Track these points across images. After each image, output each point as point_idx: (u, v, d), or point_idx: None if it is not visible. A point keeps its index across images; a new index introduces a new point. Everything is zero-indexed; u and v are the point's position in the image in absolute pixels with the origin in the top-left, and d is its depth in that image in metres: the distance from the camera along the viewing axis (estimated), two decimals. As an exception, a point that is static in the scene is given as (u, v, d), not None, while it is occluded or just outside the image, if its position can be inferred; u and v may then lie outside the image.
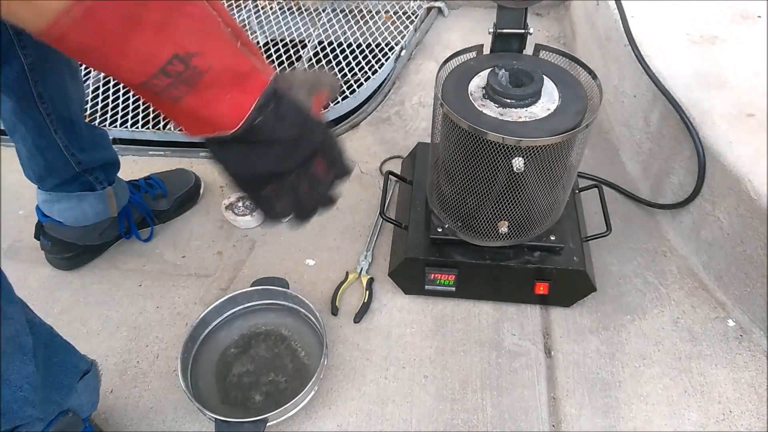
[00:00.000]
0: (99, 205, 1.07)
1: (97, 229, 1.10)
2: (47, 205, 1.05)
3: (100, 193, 1.06)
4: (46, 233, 1.08)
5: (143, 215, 1.16)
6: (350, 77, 1.53)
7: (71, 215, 1.05)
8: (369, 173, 1.30)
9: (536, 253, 0.96)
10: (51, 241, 1.09)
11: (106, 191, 1.06)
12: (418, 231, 1.00)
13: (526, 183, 0.82)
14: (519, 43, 0.89)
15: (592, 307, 1.03)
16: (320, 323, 0.93)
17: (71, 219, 1.06)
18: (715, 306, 1.02)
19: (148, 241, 1.17)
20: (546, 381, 0.94)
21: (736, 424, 0.88)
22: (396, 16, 1.74)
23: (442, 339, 0.99)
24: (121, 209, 1.11)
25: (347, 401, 0.92)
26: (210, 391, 0.93)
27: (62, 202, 1.04)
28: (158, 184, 1.20)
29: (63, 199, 1.03)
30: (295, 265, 1.12)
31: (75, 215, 1.05)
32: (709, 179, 0.99)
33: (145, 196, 1.17)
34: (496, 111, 0.79)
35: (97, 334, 1.03)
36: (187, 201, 1.24)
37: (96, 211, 1.07)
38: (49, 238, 1.08)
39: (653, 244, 1.12)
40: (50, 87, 0.90)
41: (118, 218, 1.12)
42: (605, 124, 1.36)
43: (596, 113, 0.78)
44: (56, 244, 1.09)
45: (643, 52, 1.12)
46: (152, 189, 1.18)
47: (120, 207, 1.11)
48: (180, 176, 1.25)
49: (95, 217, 1.08)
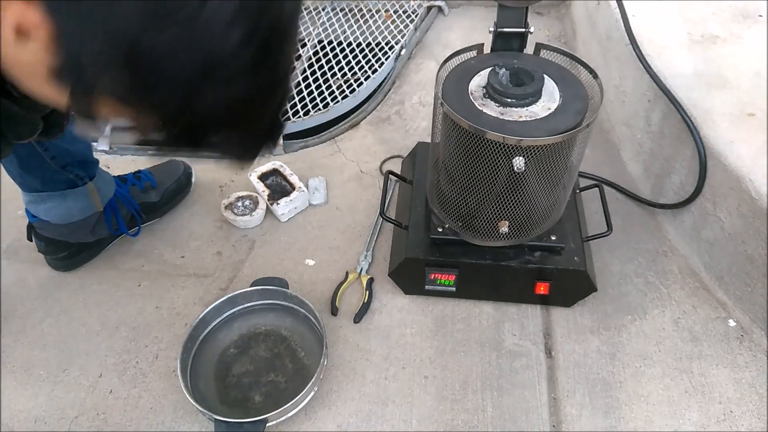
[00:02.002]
0: (82, 201, 1.06)
1: (86, 225, 1.09)
2: (32, 206, 1.05)
3: (81, 189, 1.05)
4: (38, 233, 1.08)
5: (131, 212, 1.15)
6: (350, 76, 1.52)
7: (57, 213, 1.05)
8: (369, 173, 1.30)
9: (537, 253, 0.96)
10: (44, 241, 1.09)
11: (87, 186, 1.05)
12: (418, 231, 1.00)
13: (526, 183, 0.81)
14: (519, 42, 0.89)
15: (593, 307, 1.03)
16: (320, 323, 0.93)
17: (57, 217, 1.06)
18: (716, 306, 1.02)
19: (136, 236, 1.17)
20: (546, 381, 0.94)
21: (737, 425, 0.88)
22: (396, 15, 1.74)
23: (442, 339, 0.99)
24: (107, 203, 1.11)
25: (347, 401, 0.92)
26: (209, 391, 0.93)
27: (46, 201, 1.04)
28: (147, 176, 1.19)
29: (46, 198, 1.03)
30: (294, 265, 1.12)
31: (60, 213, 1.05)
32: (710, 179, 0.99)
33: (132, 189, 1.16)
34: (496, 110, 0.79)
35: (96, 334, 1.03)
36: (178, 192, 1.23)
37: (81, 207, 1.07)
38: (41, 239, 1.09)
39: (654, 244, 1.12)
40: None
41: (105, 214, 1.11)
42: (606, 124, 1.36)
43: (597, 113, 0.78)
44: (49, 244, 1.09)
45: (644, 51, 1.12)
46: (140, 181, 1.18)
47: (105, 201, 1.10)
48: (169, 167, 1.24)
49: (81, 213, 1.07)
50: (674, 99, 1.03)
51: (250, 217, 1.17)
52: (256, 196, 1.21)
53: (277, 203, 1.18)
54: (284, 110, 0.52)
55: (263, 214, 1.19)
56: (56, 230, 1.07)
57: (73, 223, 1.07)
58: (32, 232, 1.09)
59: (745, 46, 1.15)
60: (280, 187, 1.23)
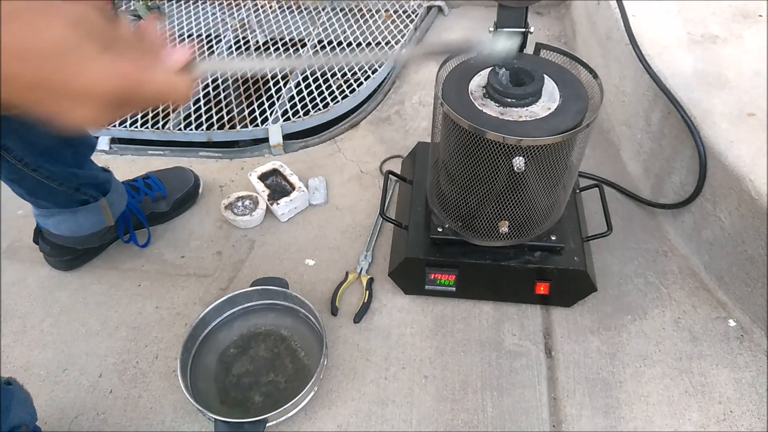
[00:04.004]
0: (94, 216, 1.05)
1: (95, 235, 1.09)
2: (41, 219, 1.04)
3: (93, 205, 1.03)
4: (45, 238, 1.07)
5: (140, 220, 1.15)
6: (350, 76, 1.52)
7: (66, 227, 1.04)
8: (369, 173, 1.30)
9: (537, 253, 0.96)
10: (50, 245, 1.08)
11: (99, 203, 1.04)
12: (418, 231, 1.00)
13: (526, 182, 0.81)
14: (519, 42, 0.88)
15: (593, 307, 1.03)
16: (320, 323, 0.93)
17: (67, 231, 1.05)
18: (716, 306, 1.02)
19: (145, 247, 1.16)
20: (546, 381, 0.94)
21: (737, 425, 0.88)
22: (396, 14, 1.74)
23: (442, 339, 0.99)
24: (119, 216, 1.10)
25: (347, 401, 0.92)
26: (209, 391, 0.93)
27: (56, 216, 1.02)
28: (157, 185, 1.18)
29: (56, 213, 1.02)
30: (294, 265, 1.12)
31: (70, 227, 1.04)
32: (710, 179, 0.99)
33: (145, 199, 1.16)
34: (496, 110, 0.79)
35: (96, 335, 1.03)
36: (186, 201, 1.23)
37: (92, 222, 1.06)
38: (48, 243, 1.08)
39: (654, 244, 1.12)
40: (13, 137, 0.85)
41: (117, 224, 1.11)
42: (606, 124, 1.36)
43: (597, 112, 0.78)
44: (55, 248, 1.08)
45: (644, 51, 1.12)
46: (151, 190, 1.17)
47: (117, 215, 1.09)
48: (179, 176, 1.24)
49: (91, 227, 1.06)
50: (674, 99, 1.03)
51: (250, 217, 1.17)
52: (256, 196, 1.21)
53: (277, 203, 1.18)
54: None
55: (263, 214, 1.19)
56: (66, 239, 1.07)
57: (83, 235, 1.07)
58: (39, 236, 1.08)
59: (745, 46, 1.15)
60: (280, 187, 1.22)
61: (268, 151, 1.38)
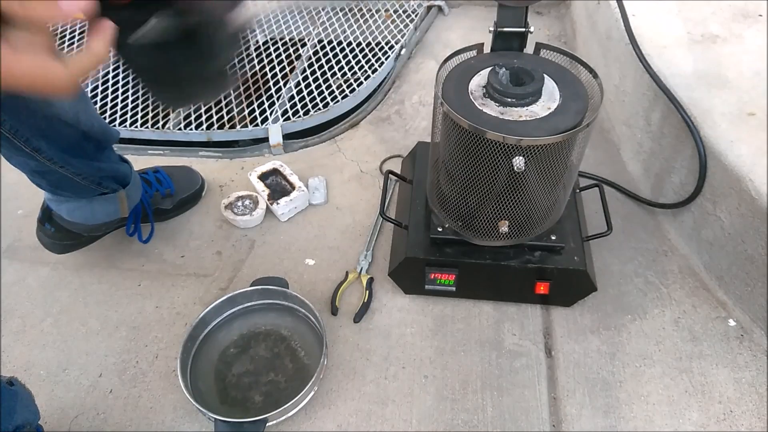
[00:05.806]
0: (109, 207, 1.05)
1: (107, 225, 1.08)
2: (55, 204, 1.03)
3: (111, 196, 1.03)
4: (53, 220, 1.05)
5: (148, 215, 1.15)
6: (350, 76, 1.52)
7: (80, 214, 1.03)
8: (369, 173, 1.30)
9: (537, 252, 0.96)
10: (56, 228, 1.06)
11: (117, 194, 1.04)
12: (418, 231, 1.00)
13: (526, 182, 0.81)
14: (519, 41, 0.88)
15: (593, 306, 1.03)
16: (320, 323, 0.93)
17: (80, 218, 1.04)
18: (716, 306, 1.02)
19: (146, 243, 1.17)
20: (546, 381, 0.94)
21: (737, 424, 0.88)
22: (396, 14, 1.74)
23: (442, 339, 0.99)
24: (132, 209, 1.09)
25: (347, 401, 0.92)
26: (209, 391, 0.93)
27: (71, 201, 1.01)
28: (167, 182, 1.18)
29: (72, 199, 1.01)
30: (294, 265, 1.12)
31: (84, 214, 1.03)
32: (710, 178, 0.99)
33: (155, 195, 1.16)
34: (496, 110, 0.79)
35: (96, 334, 1.03)
36: (189, 202, 1.23)
37: (107, 212, 1.05)
38: (54, 225, 1.05)
39: (654, 243, 1.12)
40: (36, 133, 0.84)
41: (128, 217, 1.10)
42: (606, 123, 1.36)
43: (597, 112, 0.78)
44: (60, 231, 1.06)
45: (644, 50, 1.12)
46: (162, 186, 1.17)
47: (131, 207, 1.09)
48: (188, 176, 1.24)
49: (105, 216, 1.06)
50: (674, 99, 1.03)
51: (250, 216, 1.17)
52: (256, 195, 1.21)
53: (277, 203, 1.18)
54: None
55: (263, 213, 1.19)
56: (76, 226, 1.05)
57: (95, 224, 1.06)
58: (47, 218, 1.06)
59: (745, 45, 1.15)
60: (280, 187, 1.22)
61: (268, 151, 1.38)
